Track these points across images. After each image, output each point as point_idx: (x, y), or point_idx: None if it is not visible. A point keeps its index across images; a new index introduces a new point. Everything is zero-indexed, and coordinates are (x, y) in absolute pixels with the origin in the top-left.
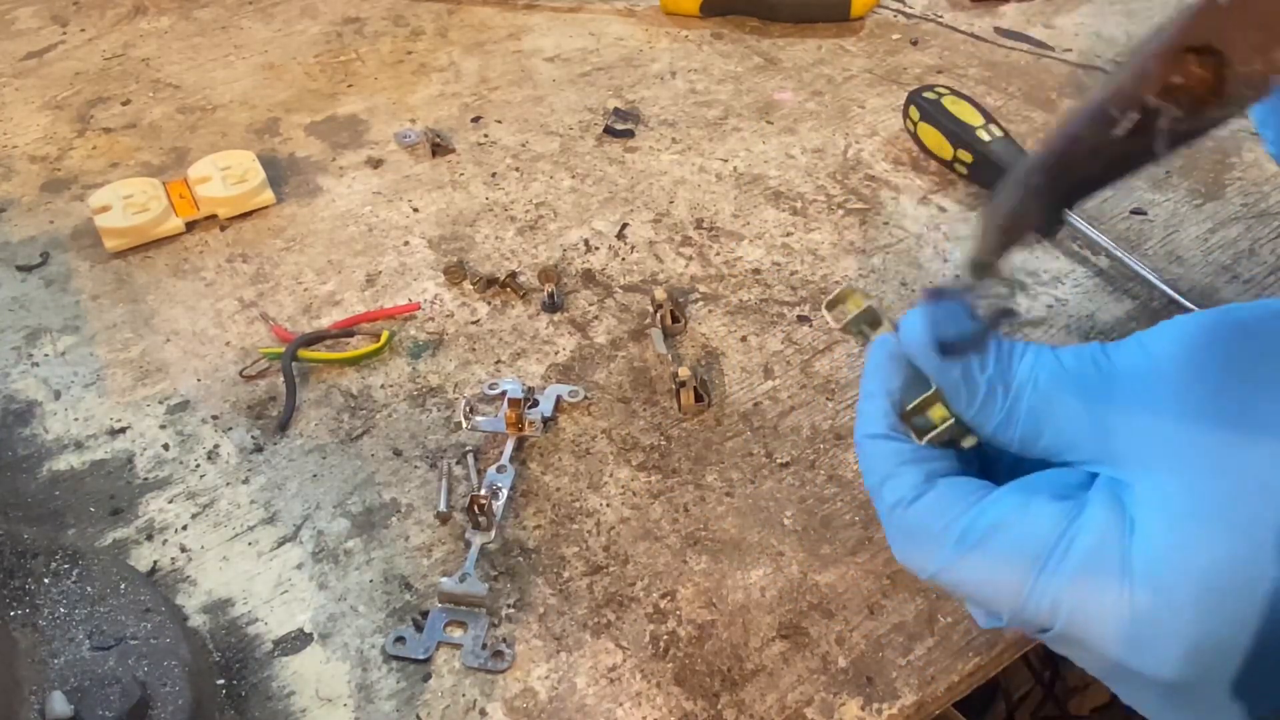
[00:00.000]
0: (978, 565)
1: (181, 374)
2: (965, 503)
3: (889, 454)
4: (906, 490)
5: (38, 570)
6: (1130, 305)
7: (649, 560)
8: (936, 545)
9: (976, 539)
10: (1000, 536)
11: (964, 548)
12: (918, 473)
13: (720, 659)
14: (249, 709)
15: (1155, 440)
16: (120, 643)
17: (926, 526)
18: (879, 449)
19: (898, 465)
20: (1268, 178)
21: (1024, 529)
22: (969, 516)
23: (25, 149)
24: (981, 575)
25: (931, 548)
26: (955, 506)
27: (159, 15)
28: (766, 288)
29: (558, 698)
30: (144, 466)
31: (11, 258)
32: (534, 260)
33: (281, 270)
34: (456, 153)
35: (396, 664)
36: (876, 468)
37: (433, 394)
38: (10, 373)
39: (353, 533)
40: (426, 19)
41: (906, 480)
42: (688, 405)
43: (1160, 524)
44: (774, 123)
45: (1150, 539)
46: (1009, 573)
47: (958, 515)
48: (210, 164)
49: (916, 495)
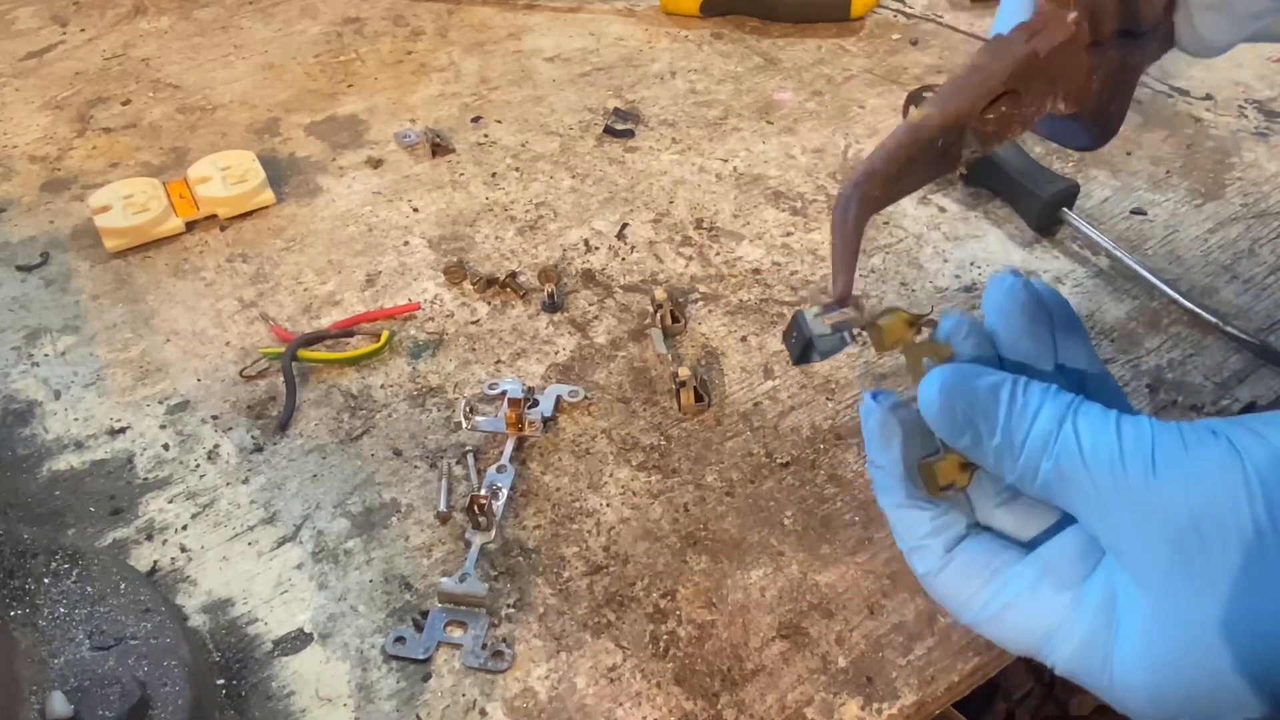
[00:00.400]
0: (998, 630)
1: (181, 374)
2: (983, 577)
3: (911, 525)
4: (932, 563)
5: (38, 570)
6: (1130, 305)
7: (649, 560)
8: (964, 609)
9: (994, 612)
10: (1013, 614)
11: (985, 617)
12: (939, 545)
13: (720, 659)
14: (249, 709)
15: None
16: (120, 643)
17: (954, 595)
18: (902, 519)
19: (921, 539)
20: (1268, 178)
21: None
22: (987, 592)
23: (25, 149)
24: (1002, 636)
25: (960, 610)
26: (974, 582)
27: (159, 15)
28: (766, 288)
29: (558, 698)
30: (144, 466)
31: (11, 258)
32: (534, 260)
33: (281, 270)
34: (456, 153)
35: (396, 664)
36: (905, 537)
37: (433, 394)
38: (10, 373)
39: (353, 533)
40: (426, 19)
41: (931, 554)
42: (688, 405)
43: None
44: (774, 123)
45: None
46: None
47: (977, 590)
48: (210, 164)
49: (941, 567)
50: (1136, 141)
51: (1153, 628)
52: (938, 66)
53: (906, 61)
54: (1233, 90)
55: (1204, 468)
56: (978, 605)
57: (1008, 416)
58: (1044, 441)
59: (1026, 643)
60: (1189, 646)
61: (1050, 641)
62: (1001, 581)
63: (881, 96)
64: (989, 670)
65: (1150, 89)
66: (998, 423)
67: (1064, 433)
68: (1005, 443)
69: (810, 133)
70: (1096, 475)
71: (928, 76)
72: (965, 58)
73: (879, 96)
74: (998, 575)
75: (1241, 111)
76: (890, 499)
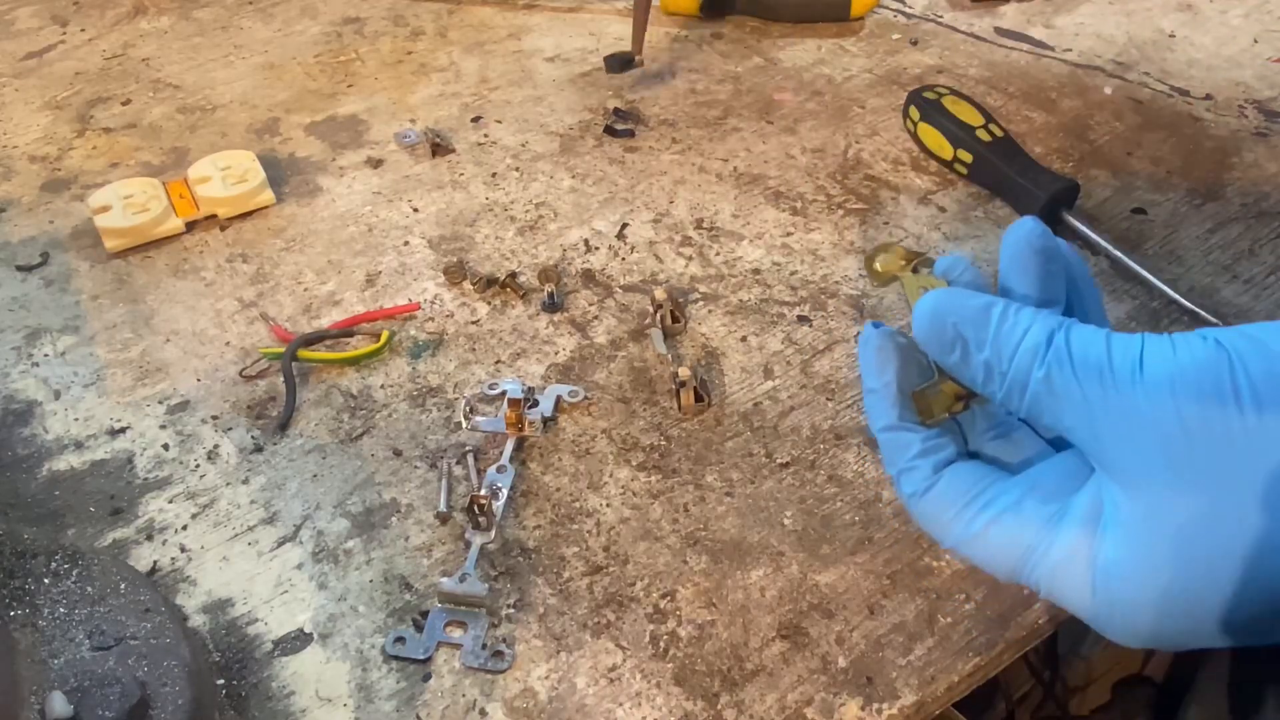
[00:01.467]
0: (981, 549)
1: (181, 374)
2: (968, 496)
3: (901, 447)
4: (920, 483)
5: (38, 570)
6: (1130, 305)
7: (649, 560)
8: (948, 530)
9: (978, 530)
10: (996, 530)
11: (969, 535)
12: (928, 466)
13: (720, 659)
14: (249, 709)
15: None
16: (120, 643)
17: (938, 515)
18: (893, 441)
19: (911, 459)
20: (1268, 177)
21: (1015, 528)
22: (972, 510)
23: (25, 149)
24: (985, 555)
25: (944, 532)
26: (960, 500)
27: (159, 15)
28: (766, 288)
29: (558, 698)
30: (144, 466)
31: (11, 258)
32: (534, 260)
33: (281, 270)
34: (456, 153)
35: (396, 664)
36: (894, 460)
37: (433, 394)
38: (10, 373)
39: (353, 533)
40: (426, 19)
41: (919, 474)
42: (688, 405)
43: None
44: (774, 123)
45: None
46: (1005, 559)
47: (962, 509)
48: (210, 164)
49: (928, 487)
50: (1136, 141)
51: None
52: (938, 66)
53: (906, 61)
54: (1233, 90)
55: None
56: (962, 525)
57: (998, 331)
58: (1033, 353)
59: (1009, 561)
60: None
61: (1032, 556)
62: (987, 499)
63: (881, 96)
64: (989, 670)
65: (1150, 89)
66: (987, 336)
67: (1054, 344)
68: (994, 356)
69: (810, 133)
70: (1085, 383)
71: (928, 76)
72: (965, 58)
73: (879, 96)
74: (984, 493)
75: (1241, 111)
76: (883, 421)
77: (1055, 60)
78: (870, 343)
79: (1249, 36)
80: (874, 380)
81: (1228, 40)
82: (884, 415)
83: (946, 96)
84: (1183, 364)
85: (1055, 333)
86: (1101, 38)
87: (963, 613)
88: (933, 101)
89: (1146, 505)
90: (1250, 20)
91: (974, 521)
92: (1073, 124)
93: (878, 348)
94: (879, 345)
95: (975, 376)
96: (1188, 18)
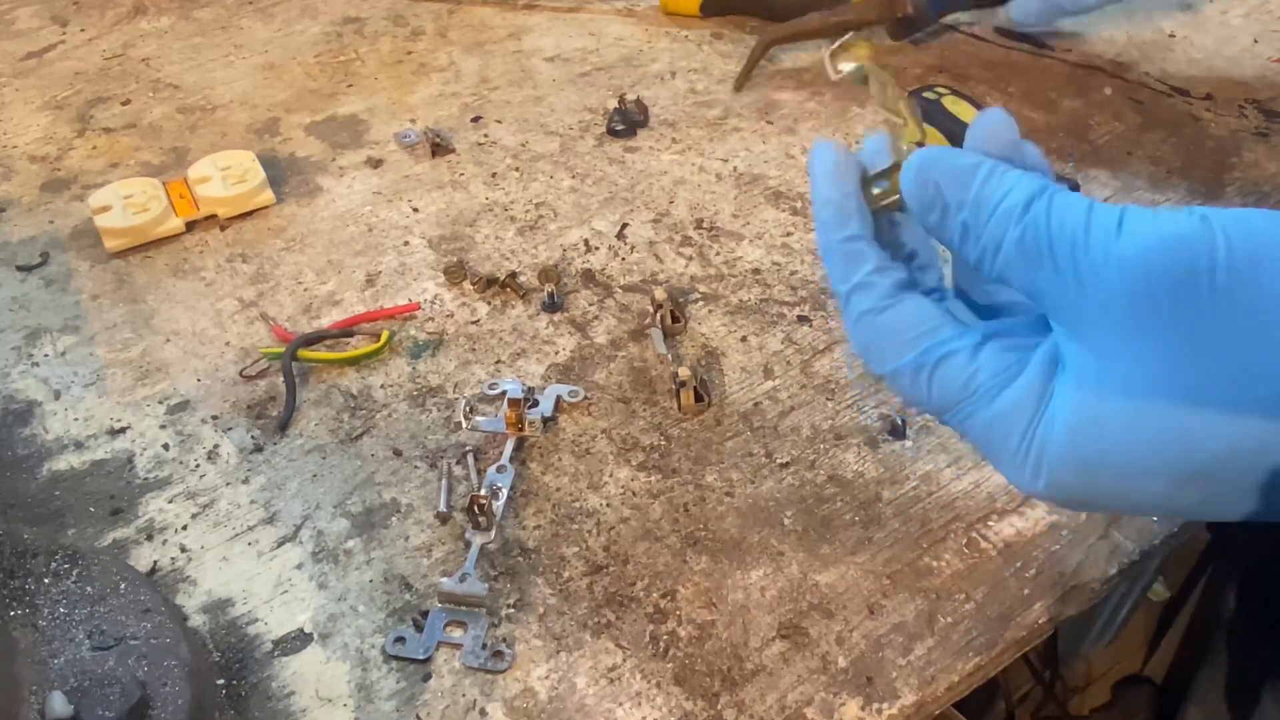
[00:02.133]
0: (922, 384)
1: (181, 374)
2: (928, 325)
3: (860, 259)
4: (876, 300)
5: (38, 570)
6: None
7: (649, 560)
8: (893, 357)
9: (930, 363)
10: (947, 367)
11: (916, 366)
12: (887, 283)
13: (720, 659)
14: (249, 709)
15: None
16: (120, 643)
17: (889, 339)
18: (850, 254)
19: (869, 274)
20: (1268, 177)
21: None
22: (930, 342)
23: (25, 149)
24: (922, 392)
25: (887, 357)
26: (920, 327)
27: (159, 15)
28: (766, 288)
29: (558, 698)
30: (144, 466)
31: (11, 258)
32: (534, 260)
33: (281, 270)
34: (456, 153)
35: (396, 664)
36: (846, 274)
37: (433, 394)
38: (10, 373)
39: (353, 533)
40: (426, 19)
41: (877, 291)
42: (688, 405)
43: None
44: (774, 123)
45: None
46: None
47: (919, 337)
48: (210, 164)
49: (885, 307)
50: (1136, 141)
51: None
52: (938, 66)
53: (906, 61)
54: (1233, 90)
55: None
56: (914, 353)
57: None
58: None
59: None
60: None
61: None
62: (945, 335)
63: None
64: (989, 670)
65: (1150, 89)
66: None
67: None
68: (972, 216)
69: (810, 133)
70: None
71: (928, 76)
72: (965, 58)
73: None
74: (944, 327)
75: (1241, 111)
76: (839, 233)
77: (1055, 60)
78: (827, 153)
79: (1249, 36)
80: (831, 190)
81: (1228, 40)
82: (842, 226)
83: (946, 96)
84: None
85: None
86: (1101, 38)
87: (963, 613)
88: (932, 101)
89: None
90: (1250, 20)
91: (929, 352)
92: (1073, 124)
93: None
94: (838, 158)
95: (952, 237)
96: (1188, 18)
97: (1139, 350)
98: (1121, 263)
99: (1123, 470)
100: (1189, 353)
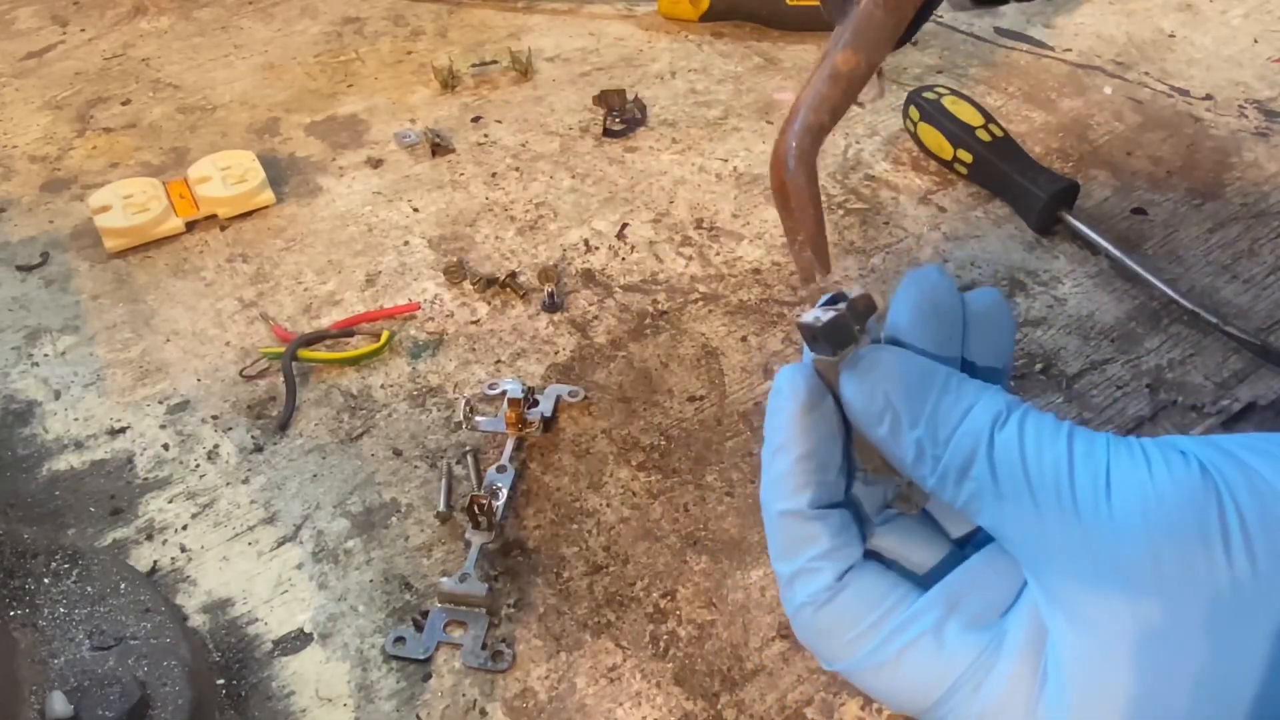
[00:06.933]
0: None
1: (181, 374)
2: (877, 612)
3: (804, 540)
4: (818, 592)
5: (38, 570)
6: (1130, 305)
7: (649, 560)
8: (847, 651)
9: (889, 656)
10: (912, 658)
11: (874, 661)
12: (831, 571)
13: (720, 659)
14: (249, 709)
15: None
16: (120, 643)
17: (836, 633)
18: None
19: (813, 559)
20: (1268, 178)
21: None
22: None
23: (25, 149)
24: (891, 687)
25: (839, 651)
26: (867, 617)
27: (159, 15)
28: (766, 288)
29: (558, 698)
30: (144, 466)
31: (11, 258)
32: (534, 260)
33: (281, 270)
34: (456, 153)
35: (396, 664)
36: (790, 554)
37: (433, 394)
38: (10, 373)
39: (353, 533)
40: (426, 19)
41: (819, 580)
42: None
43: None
44: (774, 123)
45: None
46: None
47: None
48: (210, 164)
49: (829, 598)
50: (1136, 141)
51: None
52: (938, 66)
53: (906, 61)
54: (1233, 90)
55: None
56: (867, 648)
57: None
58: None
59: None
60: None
61: (956, 694)
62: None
63: (882, 96)
64: None
65: (1150, 89)
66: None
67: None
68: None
69: None
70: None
71: (928, 76)
72: (965, 58)
73: (879, 96)
74: (896, 610)
75: (1241, 111)
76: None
77: (1055, 60)
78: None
79: (1249, 36)
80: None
81: (1228, 40)
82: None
83: (946, 96)
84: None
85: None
86: (1101, 38)
87: None
88: (932, 101)
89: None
90: (1250, 20)
91: (884, 646)
92: (1073, 124)
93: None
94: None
95: (905, 456)
96: (1188, 18)
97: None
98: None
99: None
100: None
